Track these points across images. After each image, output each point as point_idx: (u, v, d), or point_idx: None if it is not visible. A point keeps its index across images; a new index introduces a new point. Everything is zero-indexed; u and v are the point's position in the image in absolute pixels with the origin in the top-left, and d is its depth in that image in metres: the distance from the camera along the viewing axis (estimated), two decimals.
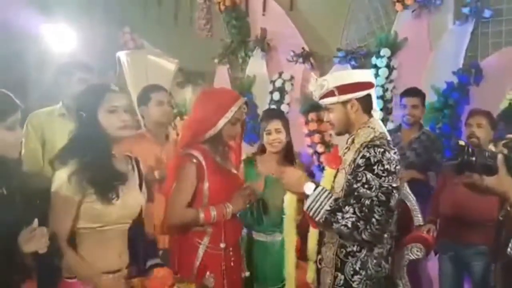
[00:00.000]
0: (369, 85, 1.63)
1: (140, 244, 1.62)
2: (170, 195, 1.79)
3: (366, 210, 1.46)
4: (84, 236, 1.51)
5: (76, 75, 2.22)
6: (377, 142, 1.53)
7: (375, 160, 1.48)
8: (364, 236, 1.46)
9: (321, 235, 1.68)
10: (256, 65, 4.32)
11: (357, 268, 1.55)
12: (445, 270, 2.60)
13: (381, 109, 3.66)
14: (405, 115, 2.92)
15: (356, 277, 1.55)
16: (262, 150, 2.23)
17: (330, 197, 1.52)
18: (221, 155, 1.86)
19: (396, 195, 1.50)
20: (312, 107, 3.76)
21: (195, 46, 4.64)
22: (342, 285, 1.57)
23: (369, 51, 3.80)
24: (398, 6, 3.65)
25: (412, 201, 2.77)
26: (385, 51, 3.66)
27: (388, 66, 3.67)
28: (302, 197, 1.61)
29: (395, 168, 1.49)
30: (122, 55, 4.55)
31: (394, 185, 1.49)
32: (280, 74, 4.14)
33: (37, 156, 2.19)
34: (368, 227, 1.46)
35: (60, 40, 4.27)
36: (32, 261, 1.42)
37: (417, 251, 2.37)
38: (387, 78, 3.67)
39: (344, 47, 3.89)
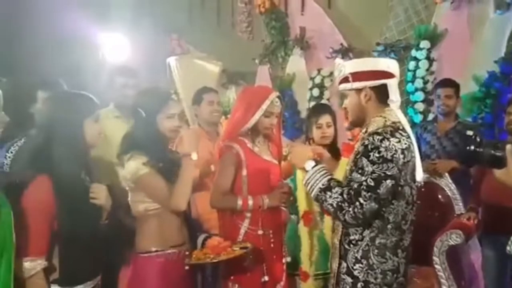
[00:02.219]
0: (385, 75, 1.56)
1: (191, 222, 1.85)
2: (213, 182, 2.01)
3: (352, 193, 1.45)
4: (153, 217, 1.76)
5: (118, 80, 2.46)
6: (380, 130, 1.50)
7: (372, 147, 1.46)
8: (346, 218, 1.46)
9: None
10: (296, 63, 4.46)
11: (359, 257, 1.53)
12: (489, 260, 2.61)
13: (422, 101, 3.69)
14: (439, 105, 2.95)
15: (357, 266, 1.54)
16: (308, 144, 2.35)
17: (326, 175, 1.53)
18: (259, 146, 2.04)
19: (389, 183, 1.44)
20: None
21: (237, 48, 4.86)
22: (345, 273, 1.56)
23: (409, 44, 3.82)
24: None
25: (453, 190, 2.81)
26: (424, 43, 3.67)
27: (428, 58, 3.68)
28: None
29: (392, 156, 1.45)
30: (171, 60, 4.87)
31: (389, 173, 1.44)
32: (319, 71, 4.25)
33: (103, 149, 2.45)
34: (351, 209, 1.44)
35: (115, 48, 4.66)
36: None
37: (456, 237, 2.41)
38: (427, 70, 3.69)
39: (383, 41, 3.95)
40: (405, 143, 1.50)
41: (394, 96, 1.57)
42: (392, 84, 1.57)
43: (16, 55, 3.91)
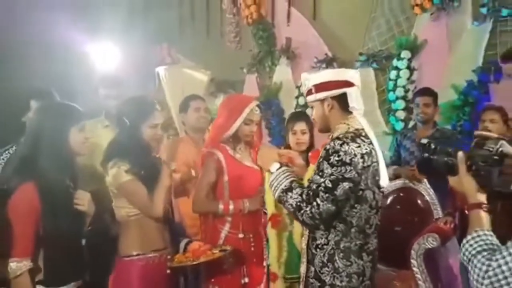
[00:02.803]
0: (344, 84, 1.63)
1: (173, 227, 1.92)
2: (195, 187, 2.08)
3: (311, 193, 1.50)
4: (134, 222, 1.83)
5: (101, 92, 2.54)
6: (341, 136, 1.57)
7: (332, 151, 1.52)
8: (304, 218, 1.51)
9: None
10: (282, 73, 4.56)
11: (325, 261, 1.58)
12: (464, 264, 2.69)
13: (403, 109, 3.80)
14: (418, 113, 3.06)
15: (324, 269, 1.58)
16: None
17: (289, 177, 1.58)
18: (240, 152, 2.13)
19: (346, 185, 1.50)
20: None
21: (225, 57, 4.95)
22: (313, 277, 1.60)
23: (390, 54, 3.94)
24: (417, 10, 3.78)
25: (431, 195, 2.91)
26: (405, 53, 3.79)
27: (408, 67, 3.79)
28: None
29: (350, 160, 1.50)
30: (160, 70, 4.95)
31: (346, 175, 1.49)
32: None
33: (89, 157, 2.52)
34: (308, 209, 1.49)
35: (106, 57, 4.74)
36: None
37: (433, 240, 2.50)
38: (408, 79, 3.80)
39: (365, 52, 4.07)
40: (366, 149, 1.57)
41: (356, 104, 1.64)
42: (352, 93, 1.64)
43: (6, 62, 3.97)
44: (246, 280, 1.98)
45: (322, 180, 1.52)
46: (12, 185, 1.59)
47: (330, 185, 1.50)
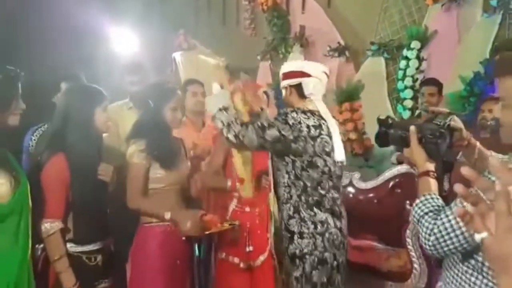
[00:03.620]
0: (300, 75, 1.91)
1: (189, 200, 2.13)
2: (206, 164, 2.28)
3: (245, 123, 1.79)
4: (152, 195, 2.02)
5: (127, 78, 2.75)
6: (295, 108, 1.88)
7: (282, 112, 1.85)
8: (229, 135, 1.77)
9: None
10: (296, 60, 4.69)
11: (291, 213, 1.85)
12: None
13: (411, 98, 3.90)
14: (422, 102, 3.18)
15: (291, 221, 1.85)
16: None
17: (228, 100, 1.88)
18: None
19: (276, 133, 1.77)
20: (345, 97, 4.06)
21: (240, 44, 5.10)
22: (284, 229, 1.87)
23: (401, 44, 4.03)
24: (429, 1, 3.85)
25: None
26: (415, 44, 3.88)
27: (418, 57, 3.88)
28: None
29: (292, 123, 1.79)
30: (177, 55, 5.13)
31: (281, 129, 1.77)
32: None
33: (115, 135, 2.71)
34: (237, 129, 1.75)
35: (125, 42, 4.94)
36: None
37: None
38: (417, 68, 3.89)
39: (377, 41, 4.16)
40: (315, 122, 1.84)
41: (313, 91, 1.91)
42: (309, 82, 1.90)
43: (34, 47, 4.20)
44: (251, 248, 2.17)
45: (262, 120, 1.82)
46: (44, 157, 1.80)
47: (265, 125, 1.78)
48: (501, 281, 0.65)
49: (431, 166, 1.28)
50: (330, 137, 1.86)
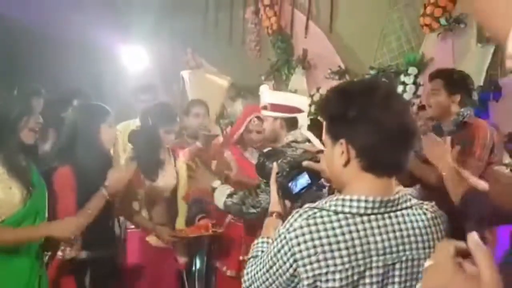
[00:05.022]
0: (297, 110, 1.96)
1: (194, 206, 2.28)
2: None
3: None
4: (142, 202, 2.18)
5: (141, 97, 2.96)
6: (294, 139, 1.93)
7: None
8: (249, 210, 1.79)
9: None
10: (298, 81, 4.86)
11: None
12: None
13: None
14: (421, 125, 3.30)
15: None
16: None
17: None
18: (250, 152, 2.50)
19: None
20: None
21: (246, 64, 5.29)
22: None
23: (399, 70, 4.18)
24: (426, 30, 4.02)
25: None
26: (412, 70, 4.02)
27: (415, 83, 4.02)
28: None
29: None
30: (184, 73, 5.31)
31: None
32: (318, 89, 4.63)
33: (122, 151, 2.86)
34: (251, 202, 1.76)
35: (135, 59, 5.16)
36: None
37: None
38: (414, 93, 4.03)
39: (376, 66, 4.31)
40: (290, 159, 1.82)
41: (303, 123, 1.98)
42: (302, 117, 1.99)
43: (47, 65, 4.41)
44: (245, 257, 2.29)
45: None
46: (52, 167, 1.95)
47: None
48: None
49: (277, 207, 1.25)
50: None
